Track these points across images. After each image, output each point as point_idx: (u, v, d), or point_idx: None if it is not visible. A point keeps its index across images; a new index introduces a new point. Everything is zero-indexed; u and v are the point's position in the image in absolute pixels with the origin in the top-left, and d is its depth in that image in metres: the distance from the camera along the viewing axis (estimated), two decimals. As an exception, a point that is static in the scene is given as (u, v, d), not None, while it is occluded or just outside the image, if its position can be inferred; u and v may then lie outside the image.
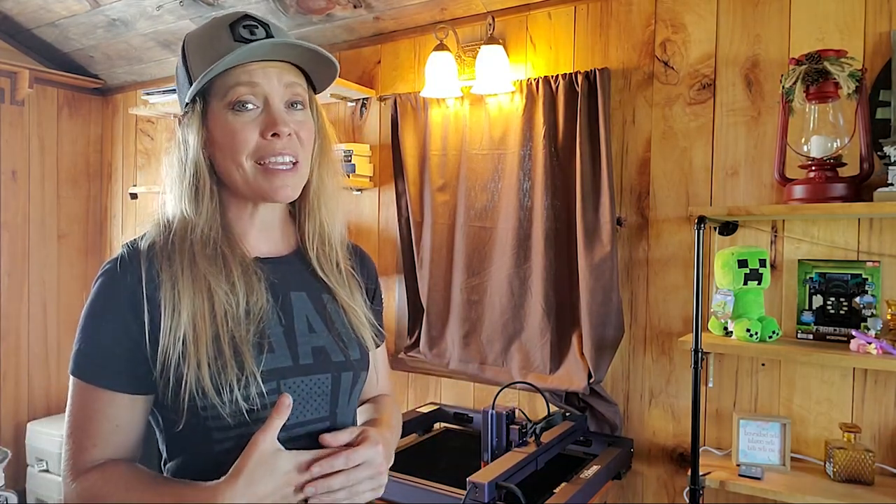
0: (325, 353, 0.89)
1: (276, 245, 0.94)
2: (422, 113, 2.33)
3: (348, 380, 0.91)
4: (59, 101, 3.38)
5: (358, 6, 2.35)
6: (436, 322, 2.31)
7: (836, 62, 1.55)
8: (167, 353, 0.80)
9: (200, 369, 0.79)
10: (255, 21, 0.85)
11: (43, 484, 3.06)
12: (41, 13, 2.86)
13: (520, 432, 1.73)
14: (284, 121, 0.84)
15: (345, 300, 0.95)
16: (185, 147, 0.86)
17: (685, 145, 1.92)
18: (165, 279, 0.82)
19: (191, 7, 2.57)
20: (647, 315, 1.99)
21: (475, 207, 2.22)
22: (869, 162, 1.58)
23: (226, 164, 0.85)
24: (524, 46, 2.19)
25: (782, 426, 1.69)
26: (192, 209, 0.85)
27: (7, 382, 3.21)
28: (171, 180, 0.88)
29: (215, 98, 0.84)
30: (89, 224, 3.54)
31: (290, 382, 0.85)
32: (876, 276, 1.65)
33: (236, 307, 0.83)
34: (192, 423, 0.82)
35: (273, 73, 0.85)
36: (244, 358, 0.81)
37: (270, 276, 0.89)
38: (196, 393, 0.79)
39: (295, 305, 0.90)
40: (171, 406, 0.83)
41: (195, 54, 0.85)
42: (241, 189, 0.87)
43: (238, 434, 0.81)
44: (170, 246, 0.85)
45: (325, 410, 0.88)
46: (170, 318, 0.80)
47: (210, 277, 0.83)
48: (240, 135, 0.83)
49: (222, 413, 0.79)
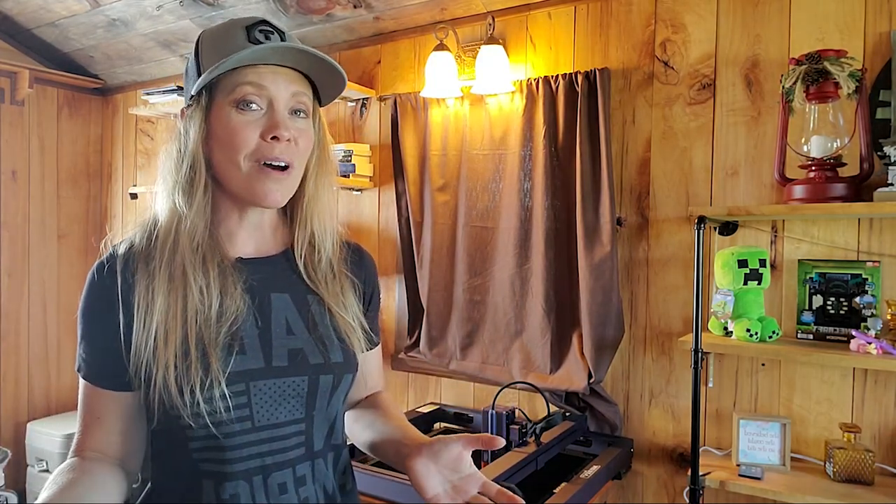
0: (303, 354, 0.88)
1: (265, 245, 0.94)
2: (422, 113, 2.33)
3: (328, 382, 0.89)
4: (59, 101, 3.38)
5: (358, 6, 2.35)
6: (436, 322, 2.31)
7: (836, 62, 1.55)
8: (139, 352, 0.82)
9: (167, 370, 0.80)
10: (271, 27, 0.86)
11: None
12: (41, 13, 2.86)
13: (520, 432, 1.73)
14: (286, 125, 0.85)
15: (331, 302, 0.94)
16: (185, 139, 0.87)
17: (685, 145, 1.93)
18: (140, 280, 0.84)
19: (191, 7, 2.57)
20: (647, 315, 1.99)
21: (476, 207, 2.22)
22: (869, 162, 1.58)
23: (223, 161, 0.85)
24: (524, 46, 2.19)
25: (782, 426, 1.69)
26: (184, 201, 0.86)
27: (7, 382, 3.21)
28: (167, 170, 0.88)
29: (221, 94, 0.85)
30: (89, 224, 3.54)
31: (260, 384, 0.84)
32: (876, 276, 1.65)
33: (209, 308, 0.83)
34: (163, 423, 0.84)
35: (281, 79, 0.85)
36: (210, 360, 0.81)
37: (251, 277, 0.89)
38: (164, 393, 0.80)
39: (274, 307, 0.90)
40: (146, 404, 0.85)
41: (208, 49, 0.86)
42: (234, 188, 0.87)
43: (205, 435, 0.82)
44: (150, 246, 0.86)
45: (300, 413, 0.88)
46: (143, 317, 0.82)
47: (188, 272, 0.84)
48: (241, 133, 0.83)
49: (185, 415, 0.80)
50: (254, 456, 0.84)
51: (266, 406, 0.84)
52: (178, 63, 3.06)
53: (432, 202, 2.30)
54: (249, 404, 0.83)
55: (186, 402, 0.79)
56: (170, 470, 0.88)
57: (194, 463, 0.84)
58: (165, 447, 0.88)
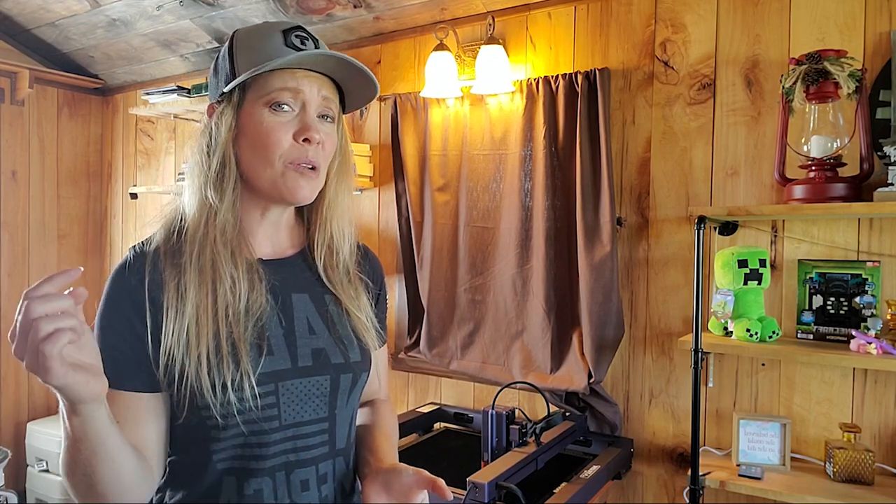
0: (325, 354, 0.91)
1: (281, 247, 0.96)
2: (422, 113, 2.33)
3: (347, 381, 0.92)
4: (59, 101, 3.38)
5: (358, 6, 2.35)
6: (437, 322, 2.31)
7: (836, 62, 1.55)
8: (171, 348, 0.81)
9: (200, 364, 0.81)
10: (306, 33, 0.90)
11: (43, 484, 3.06)
12: (41, 13, 2.86)
13: (520, 432, 1.73)
14: (317, 128, 0.88)
15: (347, 302, 0.96)
16: (215, 135, 0.89)
17: (685, 145, 1.93)
18: (169, 279, 0.84)
19: (191, 7, 2.57)
20: (647, 315, 1.99)
21: (478, 208, 2.22)
22: (869, 162, 1.58)
23: (254, 159, 0.87)
24: (524, 46, 2.19)
25: (782, 426, 1.69)
26: (215, 195, 0.87)
27: (7, 382, 3.21)
28: (196, 165, 0.90)
29: (254, 93, 0.87)
30: (89, 224, 3.54)
31: (288, 385, 0.87)
32: (876, 276, 1.65)
33: (237, 302, 0.85)
34: (189, 420, 0.84)
35: (314, 84, 0.89)
36: (240, 356, 0.82)
37: (272, 277, 0.90)
38: (195, 389, 0.81)
39: (296, 307, 0.92)
40: (173, 401, 0.85)
41: (244, 49, 0.88)
42: (262, 187, 0.89)
43: (234, 433, 0.84)
44: (178, 243, 0.87)
45: (324, 411, 0.90)
46: (174, 313, 0.82)
47: (218, 265, 0.85)
48: (275, 134, 0.86)
49: (214, 413, 0.81)
50: (279, 453, 0.86)
51: (292, 405, 0.87)
52: (179, 63, 3.06)
53: (433, 202, 2.30)
54: (277, 404, 0.85)
55: (218, 399, 0.81)
56: (188, 467, 0.88)
57: (217, 461, 0.85)
58: (186, 445, 0.88)
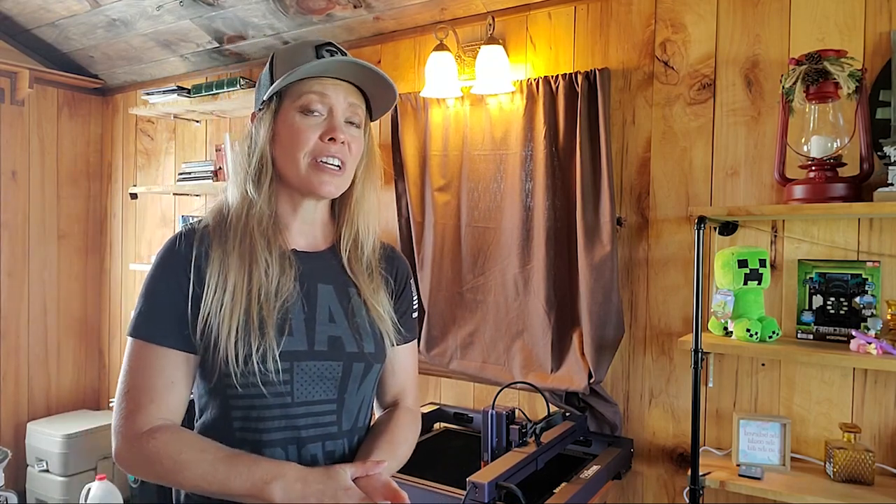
0: (341, 342, 1.00)
1: (314, 241, 1.06)
2: (422, 113, 2.33)
3: (359, 369, 1.01)
4: (59, 101, 3.38)
5: (358, 6, 2.35)
6: (437, 322, 2.31)
7: (836, 62, 1.55)
8: (209, 315, 0.92)
9: (230, 334, 0.90)
10: (335, 47, 1.01)
11: (43, 484, 3.06)
12: (41, 13, 2.86)
13: (520, 432, 1.73)
14: (342, 129, 0.98)
15: (368, 296, 1.05)
16: (255, 137, 1.01)
17: (685, 145, 1.93)
18: (215, 256, 0.95)
19: (191, 7, 2.57)
20: (647, 315, 1.99)
21: (479, 208, 2.22)
22: (869, 162, 1.58)
23: (285, 156, 0.98)
24: (524, 46, 2.19)
25: (782, 426, 1.69)
26: (254, 190, 0.99)
27: (7, 382, 3.21)
28: (238, 164, 1.02)
29: (288, 100, 0.98)
30: (89, 224, 3.54)
31: (303, 365, 0.96)
32: (876, 276, 1.65)
33: (269, 283, 0.95)
34: (217, 386, 0.94)
35: (341, 90, 0.99)
36: (266, 330, 0.92)
37: (302, 266, 1.00)
38: (224, 356, 0.90)
39: (320, 295, 1.01)
40: (207, 365, 0.94)
41: (281, 63, 1.00)
42: (293, 181, 0.99)
43: (248, 405, 0.94)
44: (225, 227, 0.98)
45: (334, 394, 0.99)
46: (215, 285, 0.93)
47: (255, 251, 0.96)
48: (303, 134, 0.97)
49: (235, 381, 0.91)
50: (289, 427, 0.95)
51: (305, 384, 0.96)
52: (178, 63, 3.06)
53: (433, 202, 2.30)
54: (291, 381, 0.95)
55: (240, 367, 0.90)
56: (211, 431, 0.96)
57: (236, 428, 0.95)
58: (213, 409, 0.97)
